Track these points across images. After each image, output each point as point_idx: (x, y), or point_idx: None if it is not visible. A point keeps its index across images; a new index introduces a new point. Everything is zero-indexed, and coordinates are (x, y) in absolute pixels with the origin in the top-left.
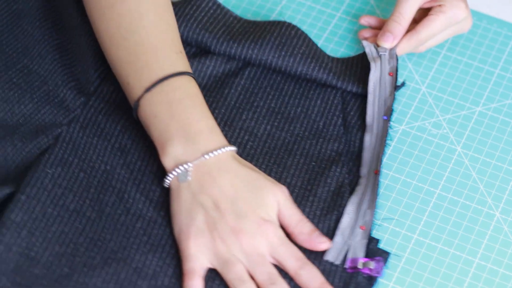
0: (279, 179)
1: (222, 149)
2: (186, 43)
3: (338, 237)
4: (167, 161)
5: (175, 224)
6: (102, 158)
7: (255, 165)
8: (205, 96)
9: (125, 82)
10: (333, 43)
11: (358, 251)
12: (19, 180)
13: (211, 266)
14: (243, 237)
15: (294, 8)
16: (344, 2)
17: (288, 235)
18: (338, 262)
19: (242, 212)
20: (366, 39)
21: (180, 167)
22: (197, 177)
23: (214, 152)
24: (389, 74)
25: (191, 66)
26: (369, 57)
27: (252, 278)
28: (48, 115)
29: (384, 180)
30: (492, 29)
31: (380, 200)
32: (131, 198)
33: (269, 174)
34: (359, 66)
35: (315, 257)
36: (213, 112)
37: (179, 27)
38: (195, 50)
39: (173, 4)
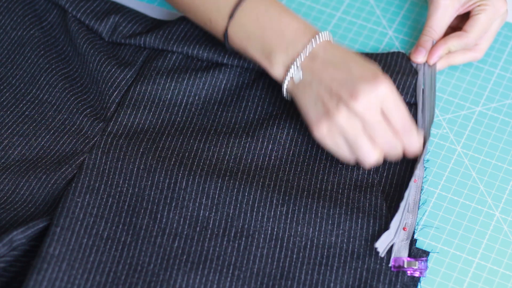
0: (309, 185)
1: (318, 39)
2: (198, 58)
3: (387, 232)
4: (277, 70)
5: (306, 120)
6: (129, 181)
7: (283, 176)
8: (222, 110)
9: (207, 21)
10: None
11: (402, 251)
12: (48, 213)
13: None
14: (359, 97)
15: (294, 8)
16: (344, 2)
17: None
18: (383, 255)
19: (354, 81)
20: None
21: (290, 69)
22: (307, 71)
23: (312, 44)
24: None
25: (204, 80)
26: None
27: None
28: (68, 145)
29: None
30: None
31: None
32: (164, 217)
33: (299, 183)
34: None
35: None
36: (233, 126)
37: (189, 47)
38: (206, 63)
39: (176, 25)
